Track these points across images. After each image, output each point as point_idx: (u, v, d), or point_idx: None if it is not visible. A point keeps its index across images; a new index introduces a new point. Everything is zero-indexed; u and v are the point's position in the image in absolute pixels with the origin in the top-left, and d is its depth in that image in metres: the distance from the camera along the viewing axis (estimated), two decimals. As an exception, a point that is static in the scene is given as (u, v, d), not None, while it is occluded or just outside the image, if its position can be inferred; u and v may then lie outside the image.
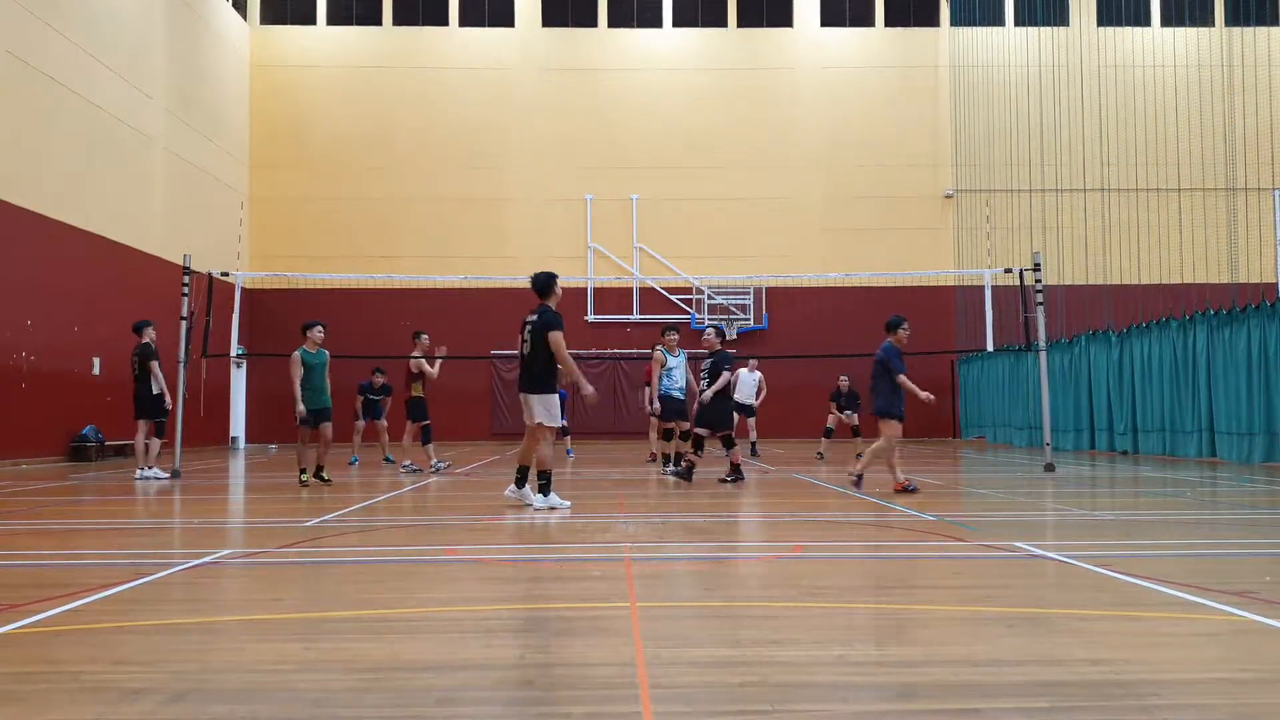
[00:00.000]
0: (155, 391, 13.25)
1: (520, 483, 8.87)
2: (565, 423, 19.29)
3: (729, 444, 11.89)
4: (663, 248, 28.24)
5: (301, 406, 11.52)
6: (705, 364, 11.90)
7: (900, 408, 10.26)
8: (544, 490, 8.61)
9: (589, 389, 8.75)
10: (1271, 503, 9.76)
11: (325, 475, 11.91)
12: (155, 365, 13.27)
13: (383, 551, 6.56)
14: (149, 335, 13.54)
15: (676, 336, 12.68)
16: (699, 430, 11.74)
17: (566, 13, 28.97)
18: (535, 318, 8.61)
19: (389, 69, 28.57)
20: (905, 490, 9.96)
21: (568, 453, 19.40)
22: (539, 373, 8.54)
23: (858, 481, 10.38)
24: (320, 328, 11.95)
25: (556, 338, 8.49)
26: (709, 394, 11.50)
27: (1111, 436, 19.85)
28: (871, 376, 10.43)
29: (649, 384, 15.76)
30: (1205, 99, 25.57)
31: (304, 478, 11.65)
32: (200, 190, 24.57)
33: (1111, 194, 26.76)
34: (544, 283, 8.78)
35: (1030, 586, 5.13)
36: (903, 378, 10.22)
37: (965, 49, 28.10)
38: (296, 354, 11.67)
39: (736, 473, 11.74)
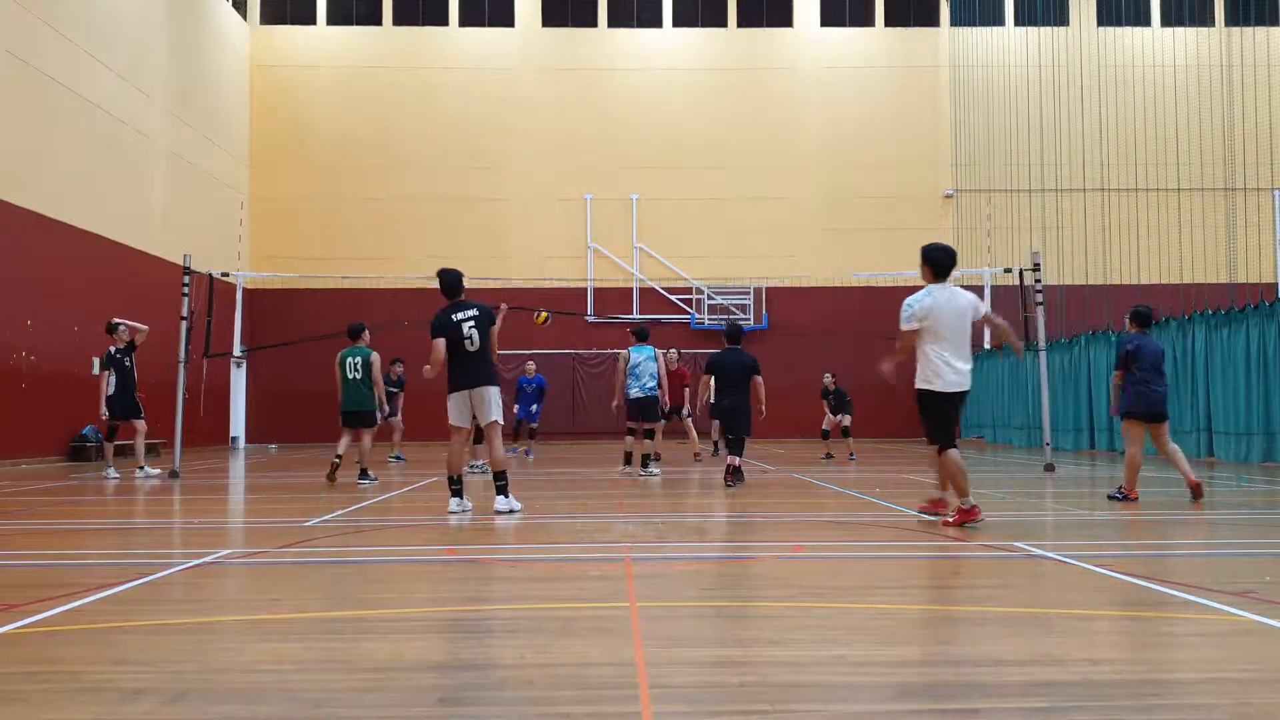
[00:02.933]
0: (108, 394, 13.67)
1: (505, 489, 8.34)
2: (535, 425, 19.10)
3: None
4: (663, 248, 28.23)
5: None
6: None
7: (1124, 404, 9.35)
8: (504, 491, 8.30)
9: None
10: (1270, 503, 9.76)
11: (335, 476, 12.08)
12: (105, 375, 13.74)
13: (383, 551, 6.56)
14: (117, 336, 13.83)
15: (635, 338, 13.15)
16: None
17: (566, 13, 28.96)
18: (475, 312, 8.37)
19: (389, 69, 28.55)
20: (1199, 492, 9.01)
21: (526, 453, 19.01)
22: (491, 366, 8.39)
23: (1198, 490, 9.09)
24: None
25: (495, 333, 8.47)
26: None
27: (1111, 436, 19.83)
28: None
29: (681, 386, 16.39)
30: (1205, 99, 25.56)
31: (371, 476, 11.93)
32: (200, 190, 24.56)
33: (1111, 194, 26.76)
34: (457, 279, 8.56)
35: (1030, 586, 5.12)
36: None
37: (965, 49, 28.09)
38: (378, 356, 12.16)
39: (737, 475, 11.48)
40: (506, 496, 8.28)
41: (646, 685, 3.17)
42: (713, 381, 11.77)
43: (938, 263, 7.42)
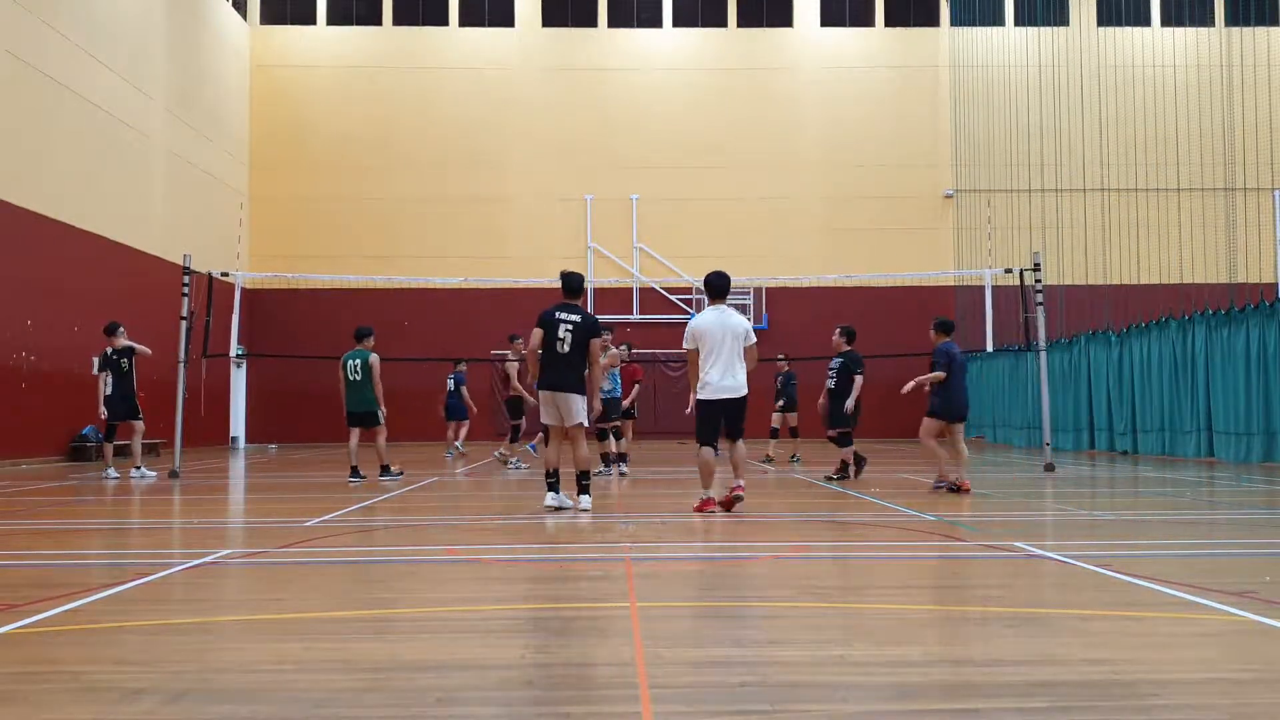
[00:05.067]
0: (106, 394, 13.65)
1: (586, 487, 8.61)
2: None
3: (844, 442, 12.15)
4: (663, 248, 28.23)
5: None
6: (834, 364, 12.21)
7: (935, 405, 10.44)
8: (586, 490, 8.57)
9: (598, 406, 8.88)
10: (1270, 503, 9.76)
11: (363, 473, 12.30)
12: (102, 376, 13.71)
13: (383, 551, 6.57)
14: (116, 338, 13.78)
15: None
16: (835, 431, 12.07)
17: (566, 13, 28.96)
18: (579, 318, 8.54)
19: (389, 69, 28.56)
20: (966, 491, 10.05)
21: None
22: (580, 373, 8.58)
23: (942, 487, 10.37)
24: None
25: (598, 346, 8.61)
26: (850, 402, 11.84)
27: (1111, 436, 19.85)
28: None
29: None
30: (1205, 99, 25.56)
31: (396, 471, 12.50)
32: (200, 190, 24.56)
33: (1111, 194, 26.75)
34: (580, 282, 8.80)
35: (1030, 586, 5.13)
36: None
37: (965, 49, 28.09)
38: (377, 358, 12.30)
39: (844, 470, 11.99)
40: (589, 495, 8.54)
41: (646, 685, 3.17)
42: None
43: (712, 286, 8.45)
